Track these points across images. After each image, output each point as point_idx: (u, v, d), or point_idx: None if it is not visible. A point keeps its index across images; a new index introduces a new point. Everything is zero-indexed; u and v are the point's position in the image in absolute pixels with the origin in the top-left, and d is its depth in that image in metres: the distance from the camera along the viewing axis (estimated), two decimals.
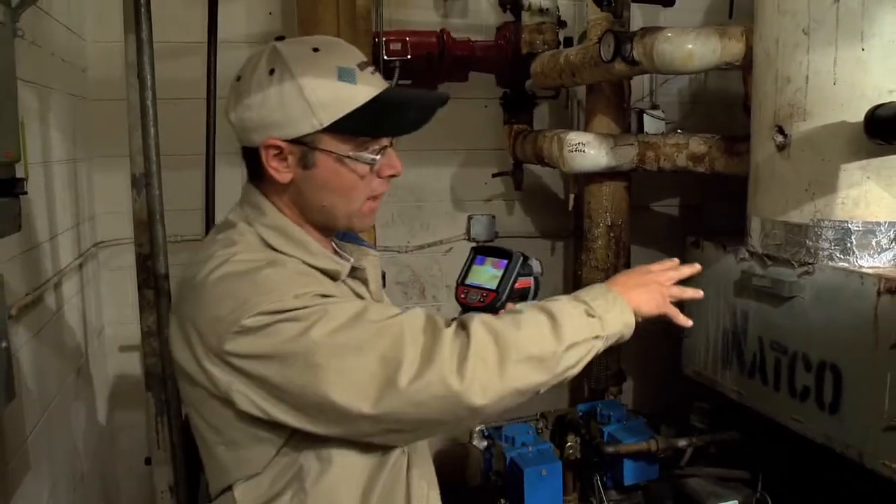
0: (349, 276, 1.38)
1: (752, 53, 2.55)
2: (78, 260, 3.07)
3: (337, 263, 1.35)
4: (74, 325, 3.01)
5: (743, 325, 2.64)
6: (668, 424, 3.21)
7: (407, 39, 3.47)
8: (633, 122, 3.69)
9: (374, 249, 1.54)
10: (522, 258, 1.59)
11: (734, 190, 2.74)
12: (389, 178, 1.35)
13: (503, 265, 1.58)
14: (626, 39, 2.71)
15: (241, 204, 1.37)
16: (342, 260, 1.38)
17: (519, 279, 1.58)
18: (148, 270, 2.46)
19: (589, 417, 3.00)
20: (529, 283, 1.60)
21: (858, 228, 2.24)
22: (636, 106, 3.78)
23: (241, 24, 3.56)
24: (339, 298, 1.24)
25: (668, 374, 3.37)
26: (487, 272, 1.60)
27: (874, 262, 2.23)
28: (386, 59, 3.37)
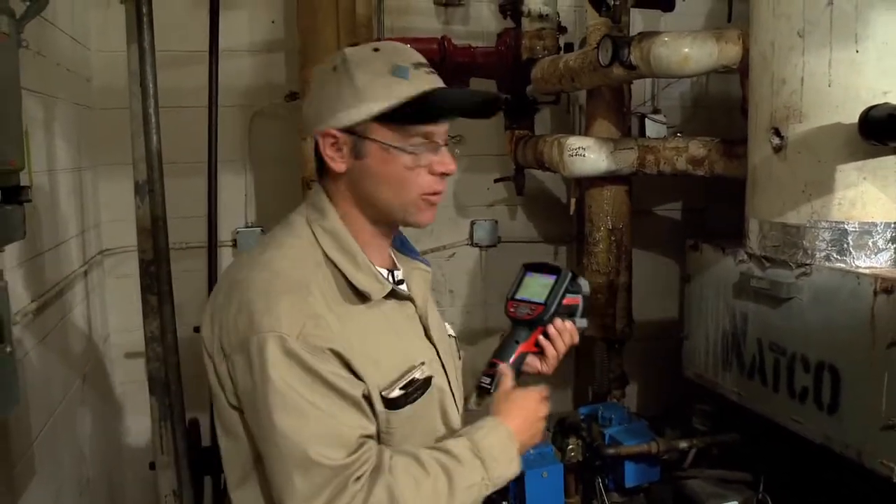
0: (392, 296, 1.41)
1: (748, 56, 2.57)
2: (83, 267, 3.10)
3: (377, 282, 1.37)
4: (80, 331, 3.05)
5: (742, 326, 2.65)
6: (671, 427, 3.22)
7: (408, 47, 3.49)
8: (634, 126, 3.72)
9: (425, 264, 1.56)
10: (571, 275, 1.60)
11: (736, 193, 2.76)
12: (442, 176, 1.37)
13: (552, 280, 1.59)
14: (623, 44, 2.73)
15: (306, 204, 1.43)
16: (384, 280, 1.39)
17: (567, 295, 1.59)
18: (151, 276, 2.50)
19: (590, 420, 3.00)
20: (577, 300, 1.61)
21: (855, 229, 2.25)
22: (638, 110, 3.81)
23: (243, 32, 3.61)
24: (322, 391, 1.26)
25: (671, 376, 3.38)
26: (536, 287, 1.61)
27: (871, 262, 2.24)
28: None
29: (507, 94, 3.79)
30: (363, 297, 1.35)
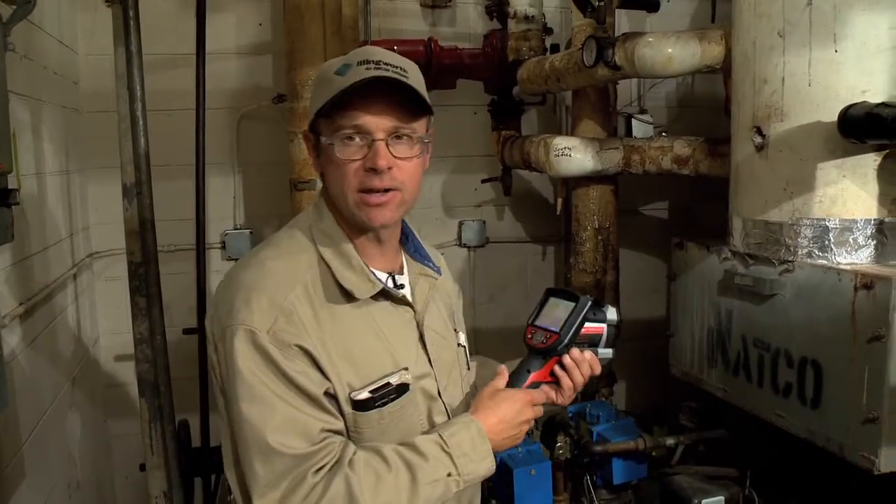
0: (386, 298, 1.42)
1: (731, 56, 2.60)
2: (72, 270, 3.10)
3: (367, 282, 1.38)
4: (69, 334, 3.05)
5: (727, 323, 2.68)
6: (659, 424, 3.25)
7: (395, 48, 3.48)
8: (622, 126, 3.75)
9: (435, 270, 1.55)
10: (591, 303, 1.53)
11: (722, 191, 2.78)
12: (372, 171, 1.32)
13: (570, 308, 1.53)
14: (608, 45, 2.76)
15: (311, 206, 1.48)
16: (375, 280, 1.40)
17: (587, 324, 1.52)
18: (140, 278, 2.51)
19: (578, 418, 3.02)
20: (601, 329, 1.55)
21: (836, 226, 2.28)
22: (624, 111, 3.83)
23: (230, 35, 3.62)
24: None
25: (658, 374, 3.41)
26: (556, 314, 1.54)
27: (852, 258, 2.27)
28: None
29: (493, 94, 3.82)
30: (350, 296, 1.37)
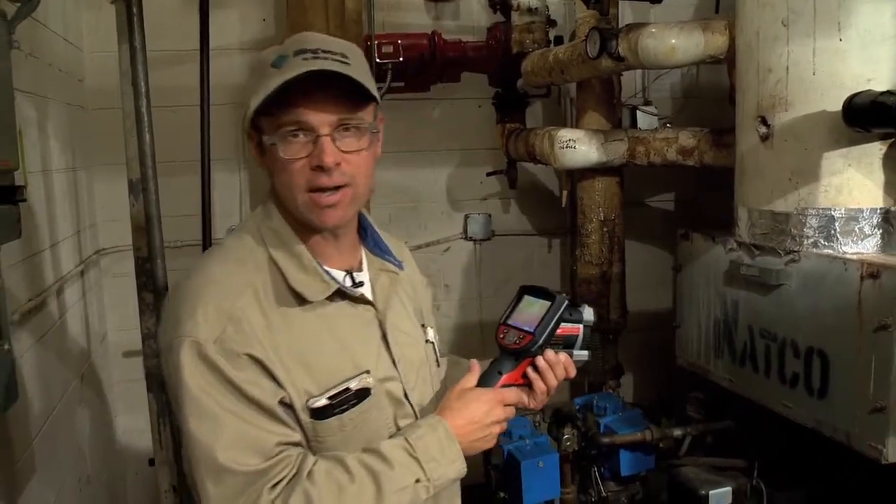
0: (343, 298, 1.35)
1: (735, 46, 2.59)
2: (80, 267, 3.12)
3: (320, 282, 1.31)
4: (77, 330, 3.07)
5: (733, 314, 2.68)
6: (666, 416, 3.24)
7: (399, 42, 3.52)
8: (626, 118, 3.73)
9: (396, 265, 1.48)
10: (567, 303, 1.45)
11: (727, 182, 2.78)
12: (319, 169, 1.25)
13: (546, 307, 1.45)
14: (611, 36, 2.75)
15: (260, 205, 1.39)
16: (329, 280, 1.33)
17: (562, 325, 1.45)
18: (147, 274, 2.51)
19: (586, 410, 3.03)
20: (577, 330, 1.47)
21: (842, 215, 2.28)
22: (629, 102, 3.82)
23: (234, 31, 3.63)
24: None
25: (665, 366, 3.41)
26: (531, 313, 1.46)
27: (857, 248, 2.27)
28: (378, 62, 3.42)
29: (498, 87, 3.82)
30: (302, 298, 1.30)
